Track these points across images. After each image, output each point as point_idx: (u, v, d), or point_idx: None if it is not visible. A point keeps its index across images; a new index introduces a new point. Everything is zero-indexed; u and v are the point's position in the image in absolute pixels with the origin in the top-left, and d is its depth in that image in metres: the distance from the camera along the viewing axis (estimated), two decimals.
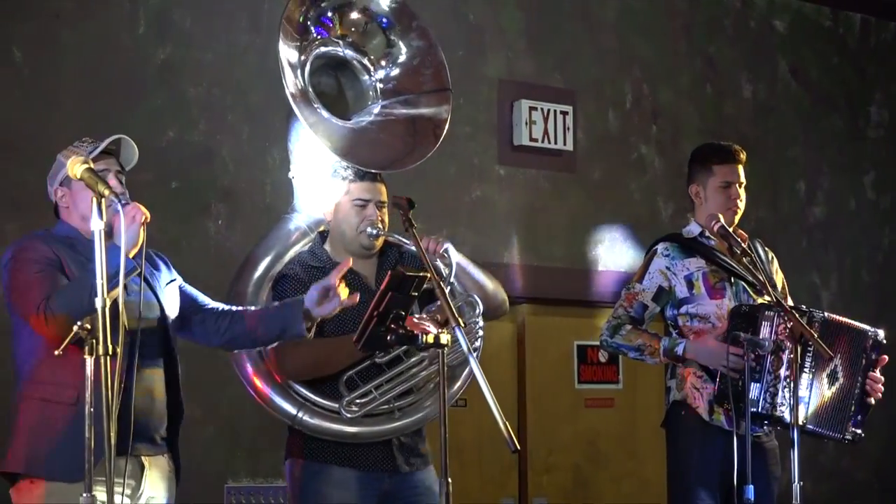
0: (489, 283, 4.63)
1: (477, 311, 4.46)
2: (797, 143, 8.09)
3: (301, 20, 4.50)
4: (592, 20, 7.37)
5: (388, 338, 3.77)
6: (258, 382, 4.41)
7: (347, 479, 4.32)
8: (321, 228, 4.58)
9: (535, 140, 7.00)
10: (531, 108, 6.99)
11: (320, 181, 4.51)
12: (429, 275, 3.82)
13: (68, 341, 3.52)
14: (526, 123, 6.96)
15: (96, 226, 3.36)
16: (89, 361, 3.29)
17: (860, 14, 8.42)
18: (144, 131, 5.86)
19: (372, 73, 4.70)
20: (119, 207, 3.45)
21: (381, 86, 4.70)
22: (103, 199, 3.39)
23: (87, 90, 5.81)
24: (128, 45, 5.94)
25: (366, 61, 4.70)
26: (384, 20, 4.71)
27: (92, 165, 3.53)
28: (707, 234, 4.96)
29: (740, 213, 4.97)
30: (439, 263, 4.43)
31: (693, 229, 5.01)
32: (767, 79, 8.00)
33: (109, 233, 3.65)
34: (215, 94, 6.13)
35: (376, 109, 4.68)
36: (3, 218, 5.58)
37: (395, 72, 4.71)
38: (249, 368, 4.41)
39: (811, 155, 8.13)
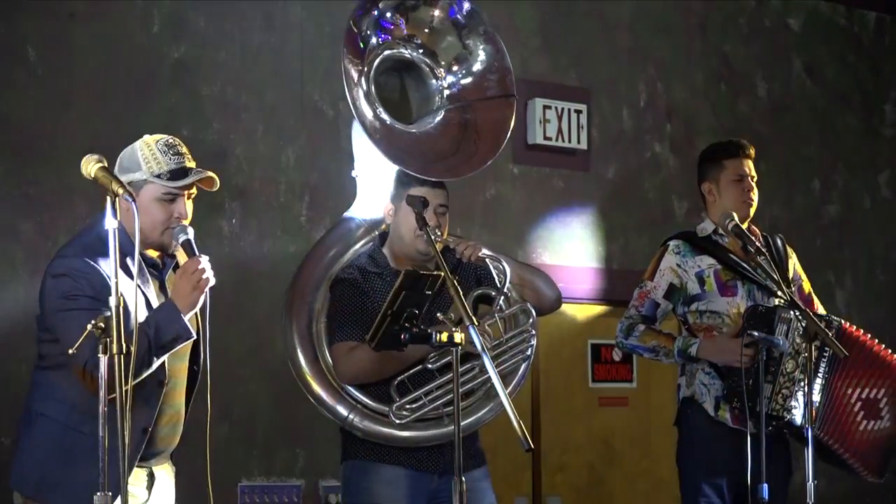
0: (542, 285, 4.59)
1: (531, 319, 4.43)
2: (812, 141, 8.06)
3: (362, 27, 4.42)
4: (607, 18, 7.35)
5: (402, 336, 3.77)
6: (313, 383, 4.39)
7: (397, 476, 4.34)
8: (381, 229, 4.54)
9: (550, 139, 6.98)
10: (545, 107, 6.97)
11: (383, 181, 4.46)
12: (443, 274, 3.82)
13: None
14: (540, 122, 6.94)
15: (110, 224, 3.35)
16: (103, 360, 3.28)
17: (875, 12, 8.39)
18: (158, 130, 5.85)
19: (440, 78, 4.63)
20: (133, 205, 3.44)
21: (448, 91, 4.62)
22: (117, 199, 3.39)
23: (102, 89, 5.82)
24: (142, 45, 5.94)
25: (434, 64, 4.63)
26: (461, 21, 4.62)
27: (105, 164, 3.53)
28: (720, 231, 4.96)
29: (755, 206, 4.98)
30: (494, 274, 4.41)
31: (707, 227, 5.02)
32: (782, 77, 7.98)
33: (162, 289, 3.70)
34: (229, 93, 6.13)
35: (440, 115, 4.62)
36: (18, 217, 5.59)
37: (465, 78, 4.64)
38: (305, 368, 4.40)
39: (826, 153, 8.10)
